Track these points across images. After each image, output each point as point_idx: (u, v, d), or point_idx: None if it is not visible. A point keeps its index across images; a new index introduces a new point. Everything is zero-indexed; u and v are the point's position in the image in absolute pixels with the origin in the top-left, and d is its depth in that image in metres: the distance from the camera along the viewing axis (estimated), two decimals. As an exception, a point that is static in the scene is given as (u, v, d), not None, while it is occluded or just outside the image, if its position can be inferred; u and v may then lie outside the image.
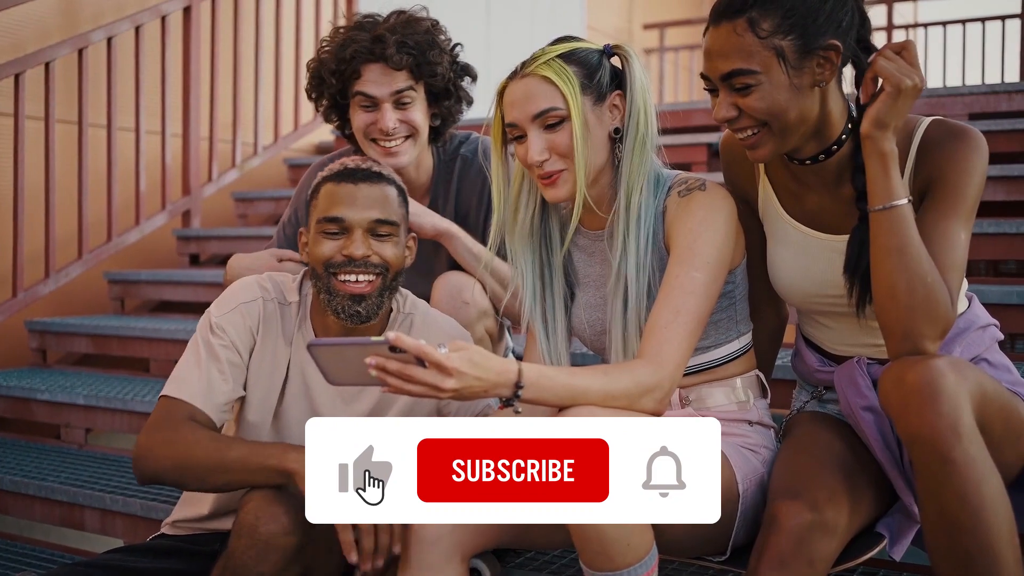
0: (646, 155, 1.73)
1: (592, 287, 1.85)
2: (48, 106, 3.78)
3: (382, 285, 1.87)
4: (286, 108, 4.93)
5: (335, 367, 1.50)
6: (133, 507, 2.56)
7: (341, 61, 2.23)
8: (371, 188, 1.88)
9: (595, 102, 1.71)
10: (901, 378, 1.49)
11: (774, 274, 1.81)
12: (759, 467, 1.74)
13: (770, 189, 1.81)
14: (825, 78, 1.61)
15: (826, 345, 1.84)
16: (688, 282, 1.65)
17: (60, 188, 3.91)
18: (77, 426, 3.19)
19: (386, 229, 1.87)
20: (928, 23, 8.05)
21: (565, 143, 1.69)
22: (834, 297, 1.72)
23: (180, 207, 4.40)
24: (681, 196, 1.72)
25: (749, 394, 1.80)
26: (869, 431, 1.65)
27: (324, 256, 1.86)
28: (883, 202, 1.57)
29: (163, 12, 4.22)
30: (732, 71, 1.60)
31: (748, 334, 1.84)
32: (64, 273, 3.89)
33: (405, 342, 1.41)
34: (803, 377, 1.93)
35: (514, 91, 1.72)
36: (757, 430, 1.79)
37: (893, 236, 1.55)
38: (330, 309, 1.87)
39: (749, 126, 1.64)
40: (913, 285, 1.53)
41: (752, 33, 1.58)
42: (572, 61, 1.71)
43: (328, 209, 1.86)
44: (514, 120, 1.72)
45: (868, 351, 1.76)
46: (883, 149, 1.57)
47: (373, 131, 2.23)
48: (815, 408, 1.88)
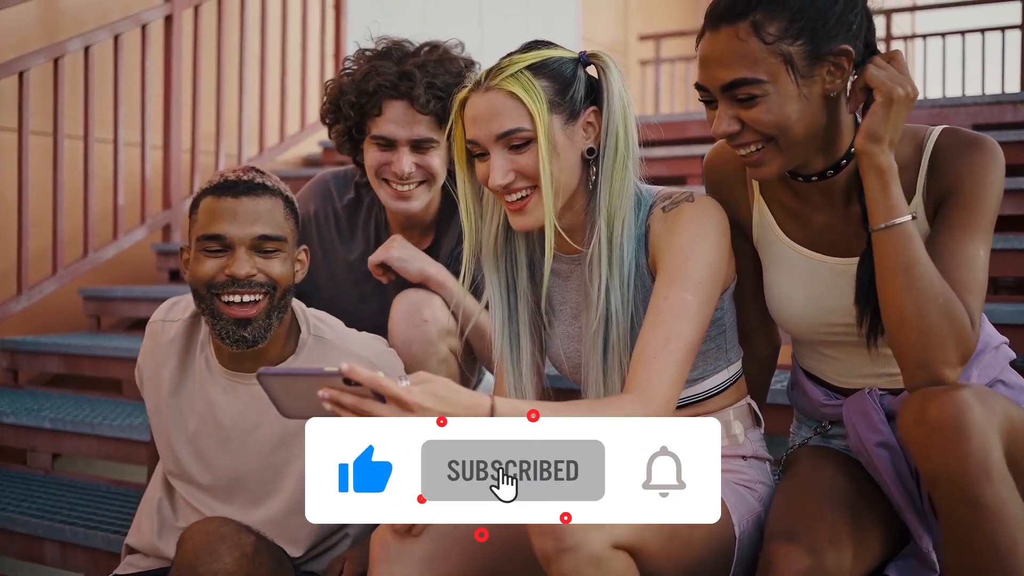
0: (627, 177, 1.57)
1: (568, 315, 1.70)
2: (22, 117, 3.65)
3: (269, 305, 1.77)
4: (271, 119, 4.80)
5: (287, 399, 1.38)
6: (94, 540, 2.42)
7: (362, 94, 2.08)
8: (254, 201, 1.76)
9: (567, 121, 1.55)
10: (922, 412, 1.35)
11: (775, 304, 1.67)
12: (756, 505, 1.61)
13: (767, 211, 1.67)
14: (837, 87, 1.48)
15: (832, 378, 1.70)
16: (679, 305, 1.51)
17: (34, 201, 3.77)
18: (43, 451, 3.05)
19: (272, 245, 1.77)
20: (927, 34, 7.94)
21: (532, 165, 1.53)
22: (844, 326, 1.58)
23: (160, 221, 4.27)
24: (666, 211, 1.57)
25: (741, 427, 1.67)
26: (884, 470, 1.51)
27: (206, 276, 1.75)
28: (884, 220, 1.44)
29: (143, 21, 4.09)
30: (735, 81, 1.46)
31: (738, 362, 1.69)
32: (37, 290, 3.75)
33: (359, 374, 1.29)
34: (805, 412, 1.79)
35: (477, 105, 1.56)
36: (752, 465, 1.66)
37: (897, 255, 1.42)
38: (215, 334, 1.77)
39: (753, 141, 1.50)
40: (923, 307, 1.40)
41: (757, 38, 1.44)
42: (543, 74, 1.54)
43: (208, 225, 1.76)
44: (476, 138, 1.56)
45: (881, 382, 1.62)
46: (880, 164, 1.44)
47: (386, 172, 2.09)
48: (818, 443, 1.74)
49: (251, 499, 1.87)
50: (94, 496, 2.78)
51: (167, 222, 4.29)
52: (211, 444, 1.86)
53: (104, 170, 4.05)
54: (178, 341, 1.89)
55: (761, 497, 1.63)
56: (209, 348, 1.87)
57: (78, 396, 3.45)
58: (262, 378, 1.35)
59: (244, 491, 1.87)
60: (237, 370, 1.84)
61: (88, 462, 3.10)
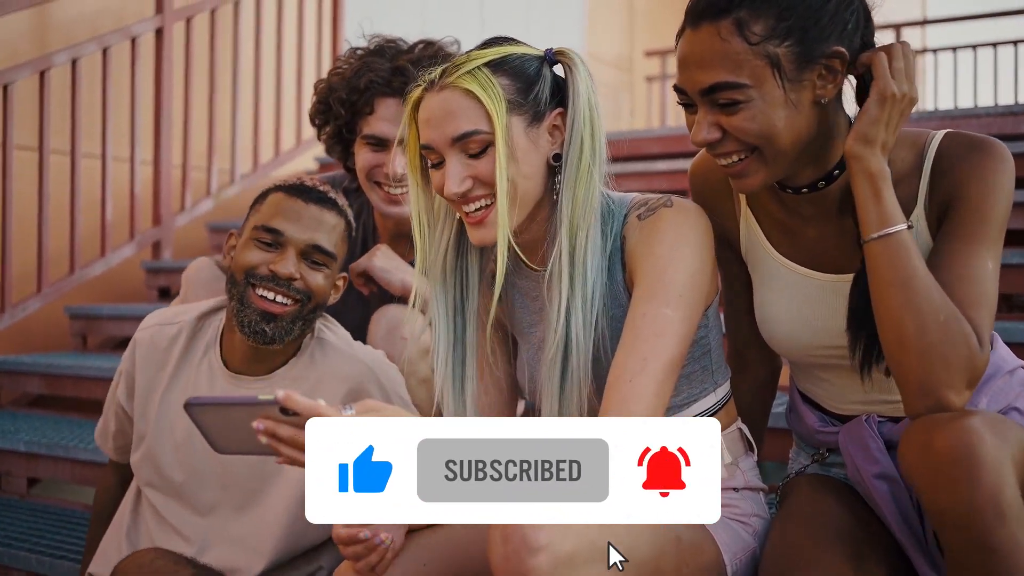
0: (592, 186, 1.42)
1: (536, 337, 1.55)
2: (6, 131, 3.56)
3: (298, 312, 1.72)
4: (266, 134, 4.70)
5: (220, 431, 1.26)
6: (61, 570, 2.30)
7: (353, 91, 1.99)
8: (320, 212, 1.74)
9: (530, 123, 1.41)
10: (928, 443, 1.22)
11: (765, 324, 1.54)
12: (750, 541, 1.48)
13: (755, 224, 1.54)
14: (827, 93, 1.35)
15: (827, 403, 1.57)
16: (658, 321, 1.36)
17: (18, 217, 3.68)
18: (17, 475, 2.94)
19: (321, 258, 1.74)
20: (938, 48, 7.83)
21: (492, 171, 1.38)
22: (836, 348, 1.45)
23: (149, 238, 4.16)
24: (642, 219, 1.43)
25: (732, 456, 1.53)
26: (884, 503, 1.38)
27: (249, 263, 1.72)
28: (877, 229, 1.31)
29: (133, 33, 4.01)
30: (715, 85, 1.33)
31: (726, 384, 1.55)
32: (21, 308, 3.65)
33: (297, 402, 1.17)
34: (802, 437, 1.66)
35: (431, 106, 1.41)
36: (745, 496, 1.53)
37: (893, 268, 1.29)
38: (236, 321, 1.72)
39: (735, 151, 1.37)
40: (924, 325, 1.27)
41: (740, 38, 1.31)
42: (503, 71, 1.41)
43: (269, 218, 1.73)
44: (430, 142, 1.41)
45: (878, 408, 1.49)
46: (870, 168, 1.32)
47: (378, 174, 1.99)
48: (816, 471, 1.61)
49: (234, 509, 1.79)
50: (68, 523, 2.66)
51: (157, 239, 4.19)
52: (199, 452, 1.77)
53: (92, 185, 3.96)
54: (179, 344, 1.83)
55: (756, 531, 1.50)
56: (214, 351, 1.81)
57: (59, 418, 3.34)
58: (189, 409, 1.24)
59: (227, 501, 1.79)
60: (243, 373, 1.78)
61: (66, 487, 2.99)
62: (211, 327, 1.84)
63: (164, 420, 1.81)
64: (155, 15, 4.14)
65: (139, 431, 1.84)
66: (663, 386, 1.36)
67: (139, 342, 1.86)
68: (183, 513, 1.79)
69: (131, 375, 1.86)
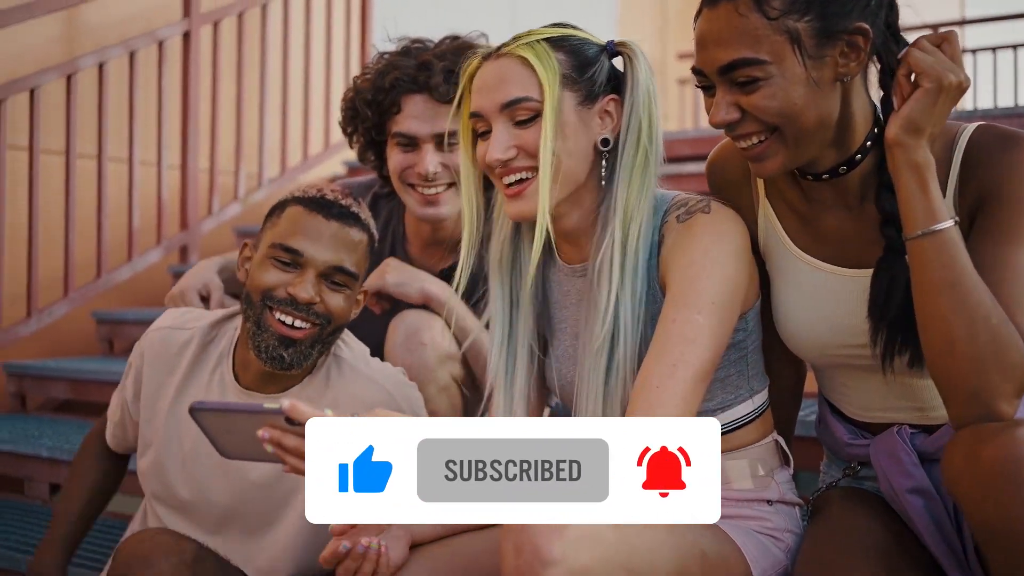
0: (649, 175, 1.41)
1: (567, 335, 1.52)
2: (33, 135, 3.56)
3: (317, 336, 1.64)
4: (294, 138, 4.68)
5: (225, 437, 1.23)
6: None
7: (379, 91, 1.93)
8: (342, 229, 1.65)
9: (582, 101, 1.40)
10: (975, 453, 1.15)
11: (781, 321, 1.48)
12: (781, 558, 1.41)
13: (772, 215, 1.48)
14: (851, 71, 1.30)
15: (852, 412, 1.50)
16: (689, 327, 1.33)
17: (45, 222, 3.68)
18: (40, 480, 2.92)
19: (342, 279, 1.65)
20: (977, 48, 7.68)
21: (537, 142, 1.37)
22: (857, 347, 1.39)
23: (177, 242, 4.15)
24: (680, 221, 1.40)
25: (767, 467, 1.47)
26: (919, 519, 1.31)
27: (265, 285, 1.64)
28: (923, 226, 1.25)
29: (160, 37, 4.00)
30: (733, 62, 1.29)
31: (763, 392, 1.50)
32: (48, 312, 3.64)
33: (302, 413, 1.13)
34: (832, 450, 1.59)
35: (485, 73, 1.42)
36: (779, 510, 1.46)
37: (942, 268, 1.22)
38: (252, 345, 1.64)
39: (755, 132, 1.32)
40: (975, 329, 1.20)
41: (759, 13, 1.27)
42: (561, 47, 1.41)
43: (288, 236, 1.64)
44: (479, 109, 1.41)
45: (905, 416, 1.42)
46: (916, 159, 1.25)
47: (411, 175, 1.93)
48: (849, 484, 1.54)
49: (244, 532, 1.73)
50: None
51: (184, 243, 4.17)
52: (207, 468, 1.72)
53: (119, 190, 3.95)
54: (189, 352, 1.76)
55: (788, 548, 1.44)
56: (226, 363, 1.74)
57: (84, 423, 3.31)
58: (194, 413, 1.21)
59: (237, 523, 1.73)
60: (256, 391, 1.71)
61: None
62: (224, 337, 1.78)
63: (172, 432, 1.75)
64: (182, 19, 4.13)
65: (145, 437, 1.79)
66: (692, 394, 1.32)
67: (149, 343, 1.80)
68: (190, 530, 1.73)
69: (139, 375, 1.80)
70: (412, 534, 1.44)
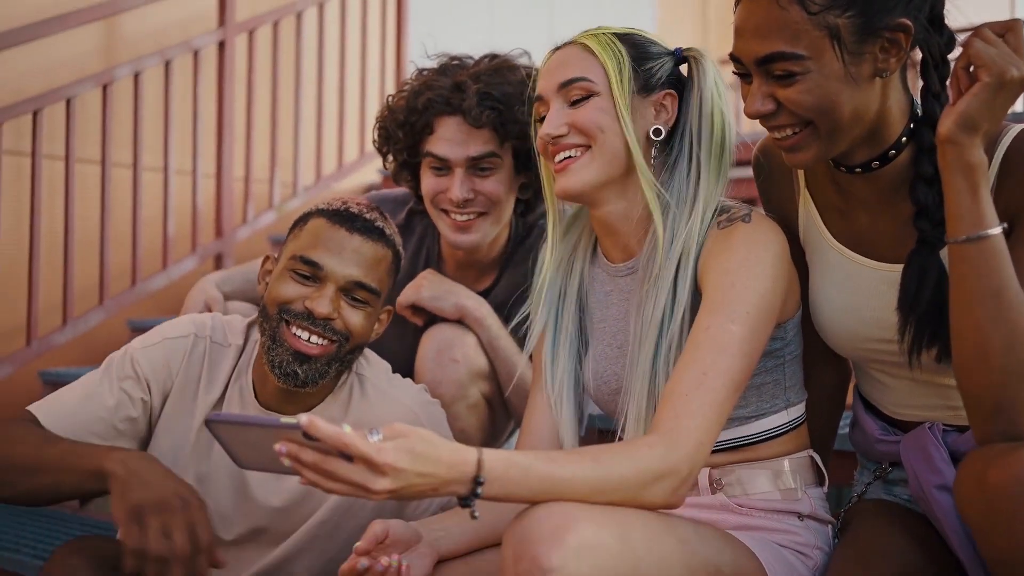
0: (724, 169, 1.42)
1: (607, 334, 1.50)
2: (69, 145, 3.58)
3: (334, 353, 1.58)
4: (329, 146, 4.67)
5: (241, 449, 1.19)
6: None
7: (412, 112, 1.89)
8: (366, 244, 1.59)
9: (639, 90, 1.43)
10: (983, 477, 1.10)
11: (816, 312, 1.45)
12: (806, 574, 1.35)
13: (812, 206, 1.45)
14: (890, 67, 1.26)
15: (887, 408, 1.46)
16: (721, 336, 1.30)
17: (81, 231, 3.70)
18: (71, 489, 2.91)
19: (364, 295, 1.59)
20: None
21: (588, 118, 1.41)
22: (886, 342, 1.35)
23: (212, 251, 4.15)
24: (721, 228, 1.38)
25: (799, 480, 1.41)
26: (945, 518, 1.25)
27: (283, 298, 1.58)
28: (971, 231, 1.19)
29: (195, 47, 4.01)
30: (771, 55, 1.26)
31: (800, 405, 1.45)
32: (83, 321, 3.66)
33: (320, 429, 1.09)
34: (863, 451, 1.55)
35: (550, 61, 1.48)
36: (809, 526, 1.40)
37: (985, 277, 1.17)
38: (267, 359, 1.58)
39: (789, 124, 1.30)
40: (1013, 341, 1.15)
41: (799, 6, 1.24)
42: (625, 41, 1.45)
43: (309, 248, 1.59)
44: (540, 91, 1.47)
45: (938, 415, 1.37)
46: (970, 159, 1.19)
47: (443, 200, 1.89)
48: (880, 494, 1.48)
49: (262, 548, 1.69)
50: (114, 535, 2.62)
51: (219, 252, 4.17)
52: (225, 490, 1.67)
53: (154, 199, 3.97)
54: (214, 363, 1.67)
55: (817, 565, 1.38)
56: (246, 377, 1.68)
57: (116, 431, 3.32)
58: (210, 425, 1.17)
59: (256, 543, 1.68)
60: (274, 410, 1.65)
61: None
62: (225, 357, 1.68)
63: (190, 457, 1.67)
64: (217, 28, 4.14)
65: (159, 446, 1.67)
66: (721, 404, 1.28)
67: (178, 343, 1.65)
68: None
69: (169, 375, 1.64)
70: (438, 551, 1.41)
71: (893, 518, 1.41)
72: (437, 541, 1.41)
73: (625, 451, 1.23)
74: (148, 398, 1.64)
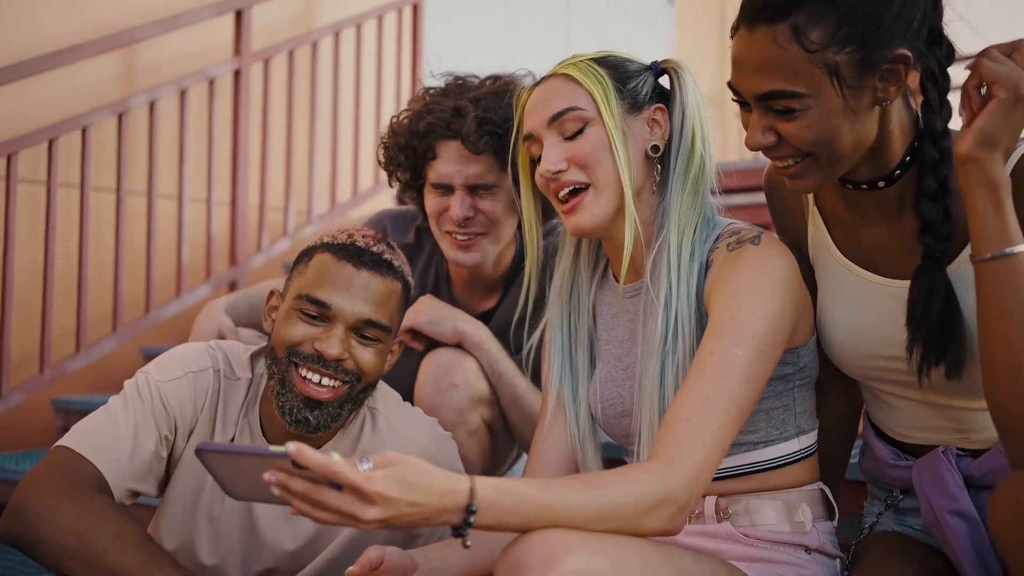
0: (703, 183, 1.40)
1: (613, 356, 1.49)
2: (84, 173, 3.60)
3: (346, 395, 1.53)
4: (344, 174, 4.68)
5: (233, 478, 1.17)
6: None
7: (414, 135, 1.89)
8: (375, 279, 1.54)
9: (627, 110, 1.41)
10: (1020, 499, 1.07)
11: (824, 330, 1.43)
12: (814, 612, 1.31)
13: (820, 222, 1.44)
14: (890, 96, 1.25)
15: (895, 431, 1.43)
16: (726, 361, 1.27)
17: (94, 257, 3.71)
18: (79, 518, 2.90)
19: (374, 333, 1.54)
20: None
21: (587, 151, 1.39)
22: (894, 359, 1.33)
23: (226, 278, 4.16)
24: (730, 249, 1.36)
25: (808, 513, 1.38)
26: (959, 544, 1.22)
27: (291, 340, 1.53)
28: (996, 248, 1.18)
29: (210, 75, 4.04)
30: (771, 92, 1.24)
31: (812, 433, 1.42)
32: (96, 348, 3.66)
33: (308, 458, 1.07)
34: (874, 478, 1.52)
35: (533, 97, 1.46)
36: (816, 560, 1.37)
37: (1015, 294, 1.16)
38: (276, 405, 1.53)
39: (790, 155, 1.28)
40: None
41: (798, 45, 1.22)
42: (603, 63, 1.43)
43: (315, 287, 1.53)
44: (530, 129, 1.44)
45: (948, 438, 1.34)
46: (992, 176, 1.18)
47: (445, 220, 1.88)
48: (891, 526, 1.44)
49: None
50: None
51: (233, 279, 4.17)
52: (237, 531, 1.63)
53: (168, 226, 3.98)
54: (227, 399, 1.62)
55: (824, 601, 1.34)
56: (255, 412, 1.62)
57: (127, 459, 3.31)
58: (200, 455, 1.15)
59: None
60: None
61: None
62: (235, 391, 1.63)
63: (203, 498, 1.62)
64: (233, 57, 4.17)
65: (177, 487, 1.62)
66: (724, 430, 1.25)
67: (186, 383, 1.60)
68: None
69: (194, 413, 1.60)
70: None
71: (905, 552, 1.38)
72: (434, 571, 1.38)
73: (622, 477, 1.20)
74: (172, 437, 1.59)
